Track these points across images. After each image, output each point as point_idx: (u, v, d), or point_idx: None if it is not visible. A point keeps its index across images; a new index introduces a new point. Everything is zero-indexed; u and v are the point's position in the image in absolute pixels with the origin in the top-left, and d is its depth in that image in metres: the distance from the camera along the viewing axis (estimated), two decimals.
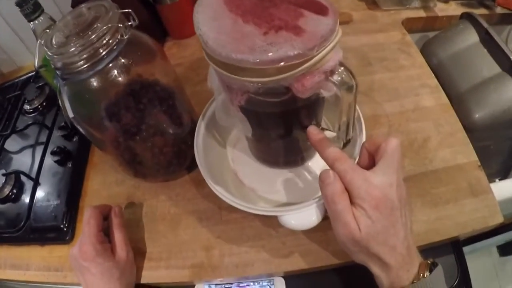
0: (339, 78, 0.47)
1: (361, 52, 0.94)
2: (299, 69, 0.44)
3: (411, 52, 0.93)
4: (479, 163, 0.72)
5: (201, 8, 0.50)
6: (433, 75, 0.88)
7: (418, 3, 1.05)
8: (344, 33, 0.93)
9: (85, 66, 0.54)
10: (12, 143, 1.05)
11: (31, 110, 1.11)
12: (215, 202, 0.73)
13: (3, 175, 0.92)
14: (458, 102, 0.83)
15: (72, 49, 0.52)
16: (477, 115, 0.81)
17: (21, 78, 1.29)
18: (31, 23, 0.79)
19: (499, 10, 1.02)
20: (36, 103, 1.11)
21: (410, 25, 1.04)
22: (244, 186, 0.71)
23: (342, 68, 0.47)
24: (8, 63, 1.39)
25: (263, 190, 0.70)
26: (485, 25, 0.90)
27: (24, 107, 1.13)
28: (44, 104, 1.11)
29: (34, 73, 1.22)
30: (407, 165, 0.73)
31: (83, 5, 0.61)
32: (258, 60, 0.42)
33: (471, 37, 0.92)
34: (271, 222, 0.69)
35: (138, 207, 0.80)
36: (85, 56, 0.53)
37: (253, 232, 0.70)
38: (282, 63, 0.42)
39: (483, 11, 1.03)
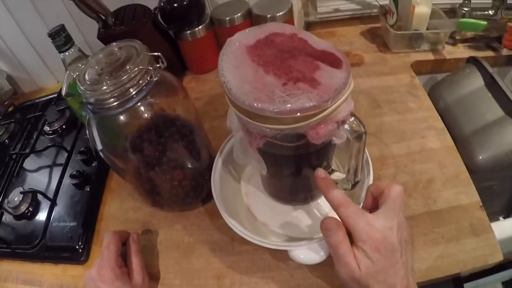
0: (349, 128, 0.50)
1: (371, 94, 0.97)
2: (314, 119, 0.47)
3: (419, 95, 0.96)
4: (481, 204, 0.75)
5: (225, 57, 0.54)
6: (439, 117, 0.91)
7: (427, 46, 1.08)
8: (356, 75, 0.99)
9: (116, 103, 0.58)
10: (30, 163, 1.09)
11: (51, 132, 1.16)
12: (228, 233, 0.76)
13: (21, 193, 0.96)
14: (463, 144, 0.86)
15: (105, 87, 0.57)
16: (480, 157, 0.84)
17: (42, 99, 1.34)
18: (61, 54, 0.83)
19: (505, 52, 1.06)
20: (56, 126, 1.15)
21: (419, 68, 1.08)
22: (256, 220, 0.74)
23: (353, 118, 0.50)
24: (30, 83, 1.45)
25: (274, 225, 0.72)
26: (490, 69, 0.93)
27: (44, 128, 1.17)
28: (64, 127, 1.15)
29: (55, 95, 1.26)
30: (411, 205, 0.75)
31: (114, 43, 0.66)
32: (277, 110, 0.46)
33: (477, 81, 0.96)
34: (281, 255, 0.72)
35: (154, 234, 0.83)
36: (116, 95, 0.58)
37: (263, 264, 0.73)
38: (299, 114, 0.46)
39: (489, 53, 1.07)
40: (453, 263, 0.68)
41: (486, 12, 1.06)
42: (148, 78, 0.60)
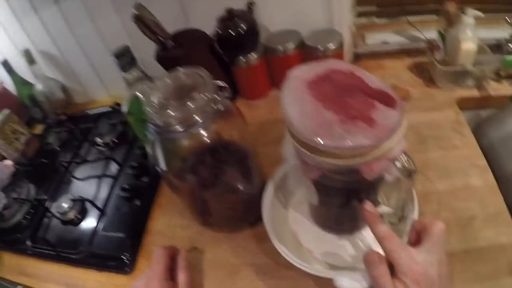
0: (401, 165, 0.53)
1: (417, 129, 0.99)
2: (369, 156, 0.51)
3: (464, 132, 0.97)
4: None
5: (288, 91, 0.58)
6: (482, 155, 0.91)
7: (472, 82, 1.09)
8: (403, 109, 0.99)
9: (181, 128, 0.62)
10: (80, 172, 1.15)
11: (102, 144, 1.21)
12: (273, 257, 0.77)
13: (70, 200, 1.01)
14: (505, 183, 0.86)
15: (172, 113, 0.61)
16: None
17: (95, 112, 1.41)
18: (124, 73, 0.87)
19: None
20: (107, 139, 1.21)
21: (464, 104, 1.08)
22: (302, 246, 0.77)
23: (405, 156, 0.53)
24: (83, 94, 1.53)
25: (319, 252, 0.75)
26: None
27: (95, 139, 1.23)
28: (116, 140, 1.21)
29: (108, 109, 1.33)
30: (452, 242, 0.76)
31: (180, 69, 0.70)
32: (336, 146, 0.50)
33: None
34: (324, 282, 0.72)
35: (200, 252, 0.85)
36: (182, 120, 0.62)
37: None
38: (355, 150, 0.50)
39: None
40: None
41: None
42: (213, 107, 0.64)
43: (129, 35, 1.23)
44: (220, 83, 0.66)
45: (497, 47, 1.12)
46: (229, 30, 1.04)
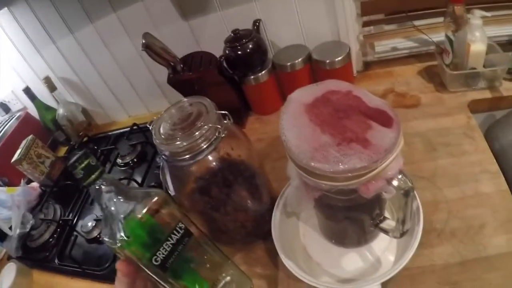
0: (398, 184, 0.55)
1: (427, 137, 0.97)
2: (365, 177, 0.53)
3: (475, 137, 0.95)
4: None
5: (286, 116, 0.61)
6: (494, 160, 0.89)
7: (484, 83, 1.06)
8: (413, 117, 1.00)
9: (188, 156, 0.66)
10: None
11: (123, 165, 1.27)
12: (284, 270, 0.78)
13: (94, 220, 1.07)
14: None
15: (178, 143, 0.64)
16: None
17: (114, 133, 1.47)
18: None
19: None
20: (127, 159, 1.26)
21: (476, 106, 1.06)
22: (311, 259, 0.78)
23: (401, 175, 0.55)
24: (103, 116, 1.59)
25: (328, 265, 0.76)
26: None
27: (117, 160, 1.28)
28: (135, 160, 1.26)
29: (127, 129, 1.36)
30: (462, 251, 0.75)
31: (185, 99, 0.73)
32: (331, 170, 0.52)
33: None
34: None
35: None
36: (188, 149, 0.65)
37: None
38: (350, 173, 0.52)
39: None
40: None
41: None
42: (217, 134, 0.66)
43: (143, 58, 1.27)
44: (222, 112, 0.69)
45: (509, 43, 1.09)
46: (237, 51, 1.08)
